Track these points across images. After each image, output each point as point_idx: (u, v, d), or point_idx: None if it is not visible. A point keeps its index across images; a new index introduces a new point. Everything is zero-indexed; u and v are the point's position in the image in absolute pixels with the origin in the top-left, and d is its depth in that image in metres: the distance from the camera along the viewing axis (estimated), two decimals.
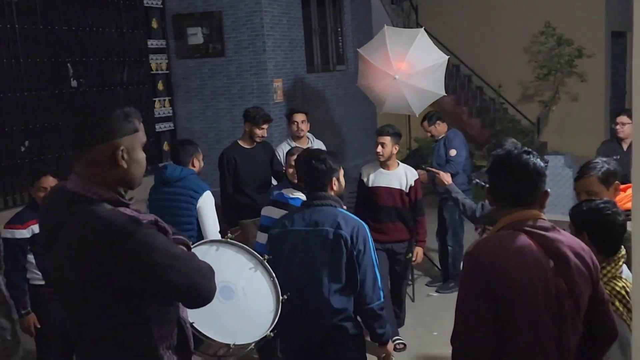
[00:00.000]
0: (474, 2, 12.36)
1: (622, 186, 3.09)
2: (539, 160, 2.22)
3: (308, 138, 5.95)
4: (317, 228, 3.05)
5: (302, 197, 3.86)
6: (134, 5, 7.78)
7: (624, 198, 3.06)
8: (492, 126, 11.93)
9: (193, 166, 4.43)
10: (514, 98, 11.92)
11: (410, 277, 6.14)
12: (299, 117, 5.86)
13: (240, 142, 5.59)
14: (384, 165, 5.10)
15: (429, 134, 6.68)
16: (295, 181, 4.14)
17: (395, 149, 5.08)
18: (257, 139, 5.48)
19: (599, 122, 11.74)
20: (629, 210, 3.00)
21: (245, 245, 2.85)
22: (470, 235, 6.83)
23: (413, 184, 5.14)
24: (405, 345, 5.32)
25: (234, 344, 2.40)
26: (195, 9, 7.96)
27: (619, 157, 5.57)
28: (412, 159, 10.61)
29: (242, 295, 2.62)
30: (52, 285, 3.46)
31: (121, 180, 2.04)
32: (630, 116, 5.74)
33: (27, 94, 6.63)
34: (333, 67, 9.45)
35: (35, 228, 4.03)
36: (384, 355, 3.28)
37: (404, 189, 5.10)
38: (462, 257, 6.62)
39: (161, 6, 8.08)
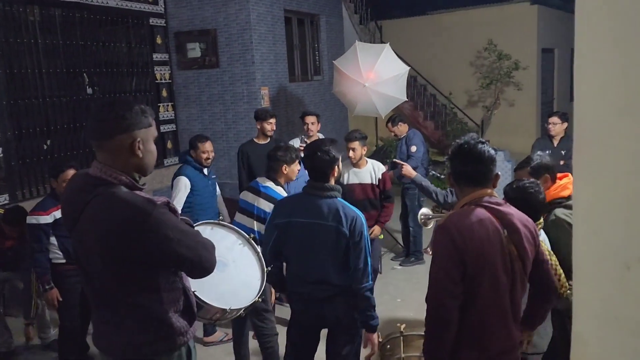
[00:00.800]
0: (429, 24, 12.43)
1: (559, 175, 3.11)
2: (491, 149, 2.28)
3: (318, 137, 5.82)
4: (320, 222, 2.90)
5: (272, 186, 3.84)
6: (141, 24, 7.64)
7: (558, 187, 3.06)
8: (444, 128, 12.02)
9: (191, 156, 4.70)
10: (461, 104, 12.03)
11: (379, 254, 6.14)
12: (310, 119, 5.76)
13: (255, 140, 5.53)
14: (356, 165, 5.05)
15: (392, 134, 6.68)
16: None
17: (364, 150, 4.99)
18: (268, 133, 5.42)
19: (531, 124, 11.90)
20: (562, 198, 3.01)
21: (234, 226, 2.84)
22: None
23: (381, 177, 5.08)
24: None
25: (229, 309, 2.38)
26: (193, 27, 7.85)
27: (550, 151, 5.63)
28: (377, 154, 10.66)
29: (234, 268, 2.60)
30: (72, 263, 3.38)
31: (137, 167, 2.01)
32: (560, 117, 5.81)
33: (49, 99, 6.47)
34: (311, 77, 9.39)
35: (57, 214, 3.98)
36: (369, 342, 3.09)
37: (374, 182, 5.06)
38: (421, 236, 6.68)
39: (164, 25, 7.95)
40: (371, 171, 5.08)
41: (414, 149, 6.35)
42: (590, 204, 1.71)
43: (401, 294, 5.81)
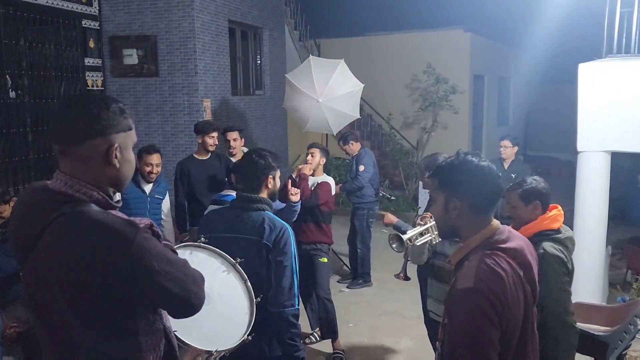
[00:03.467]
0: (366, 45, 12.50)
1: (550, 205, 2.94)
2: None
3: (243, 153, 5.52)
4: (243, 236, 2.61)
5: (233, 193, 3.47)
6: (72, 25, 7.03)
7: (548, 218, 2.86)
8: (380, 148, 12.05)
9: None
10: (397, 125, 12.10)
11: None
12: (232, 135, 5.37)
13: (195, 155, 5.14)
14: (313, 173, 4.87)
15: (345, 152, 6.53)
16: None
17: (322, 160, 4.92)
18: (210, 148, 5.03)
19: (463, 147, 12.11)
20: (551, 229, 2.86)
21: (217, 249, 2.41)
22: (375, 240, 6.74)
23: (316, 185, 4.74)
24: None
25: (215, 351, 2.00)
26: (131, 32, 7.34)
27: (500, 174, 5.67)
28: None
29: (219, 300, 2.21)
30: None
31: (112, 181, 1.61)
32: (511, 141, 5.88)
33: None
34: (253, 92, 9.09)
35: None
36: None
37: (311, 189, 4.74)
38: (369, 258, 6.50)
39: (98, 28, 7.37)
40: (315, 181, 4.82)
41: (361, 168, 6.21)
42: None
43: (353, 318, 5.59)
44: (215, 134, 5.08)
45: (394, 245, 3.53)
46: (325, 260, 4.78)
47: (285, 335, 2.64)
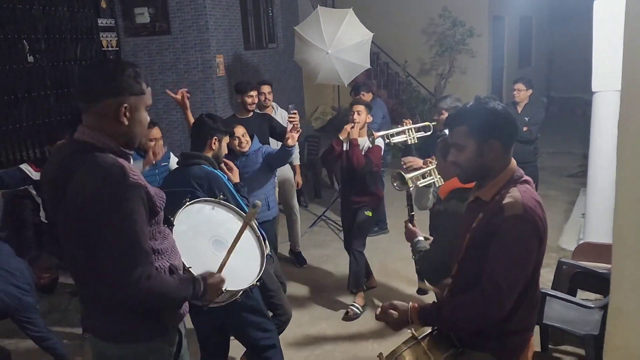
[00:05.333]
0: None
1: None
2: None
3: (273, 107, 5.70)
4: (182, 189, 2.85)
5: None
6: None
7: None
8: (397, 96, 12.00)
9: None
10: (414, 72, 11.99)
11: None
12: (266, 89, 5.61)
13: (237, 115, 5.34)
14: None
15: None
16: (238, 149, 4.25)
17: (369, 118, 4.75)
18: (249, 107, 5.19)
19: (483, 91, 11.99)
20: None
21: (233, 206, 2.67)
22: (389, 188, 6.85)
23: (370, 147, 4.64)
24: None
25: (225, 289, 2.21)
26: None
27: None
28: (331, 124, 10.52)
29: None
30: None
31: (124, 136, 1.86)
32: (524, 84, 5.86)
33: None
34: (266, 45, 9.10)
35: None
36: None
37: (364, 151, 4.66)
38: (383, 206, 6.63)
39: None
40: (364, 144, 4.69)
41: (370, 119, 6.26)
42: (635, 174, 1.66)
43: (369, 263, 5.79)
44: (253, 93, 5.25)
45: (395, 184, 3.66)
46: (370, 214, 4.80)
47: None
